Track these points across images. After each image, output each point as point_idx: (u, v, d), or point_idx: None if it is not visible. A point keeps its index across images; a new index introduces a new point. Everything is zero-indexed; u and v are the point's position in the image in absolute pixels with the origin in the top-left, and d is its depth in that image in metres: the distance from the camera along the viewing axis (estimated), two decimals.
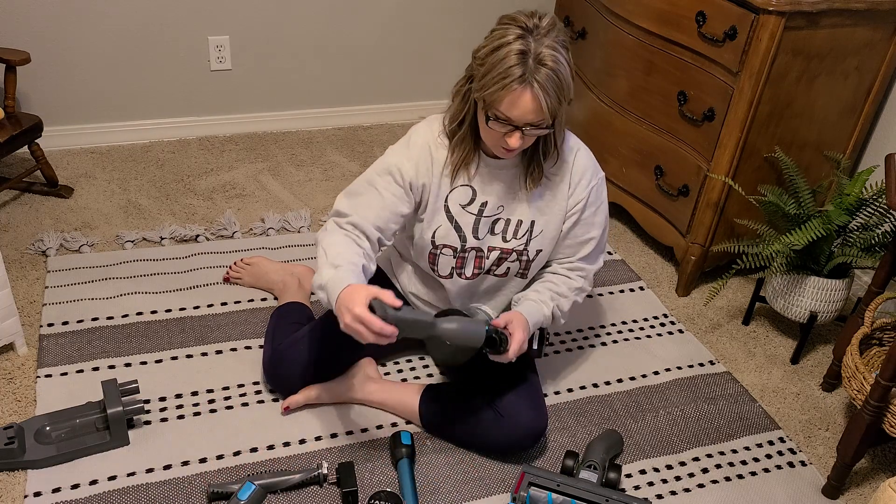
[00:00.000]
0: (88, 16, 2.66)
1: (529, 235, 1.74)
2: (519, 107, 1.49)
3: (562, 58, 1.48)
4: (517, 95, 1.47)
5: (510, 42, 1.46)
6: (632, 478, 1.80)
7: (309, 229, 2.53)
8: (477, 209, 1.72)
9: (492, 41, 1.50)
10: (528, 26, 1.47)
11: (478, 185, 1.70)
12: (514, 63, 1.45)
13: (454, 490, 1.71)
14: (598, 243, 1.81)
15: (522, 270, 1.79)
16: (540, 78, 1.46)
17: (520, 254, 1.76)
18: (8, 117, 2.40)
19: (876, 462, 1.91)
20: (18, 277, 2.20)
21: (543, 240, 1.75)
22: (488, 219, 1.73)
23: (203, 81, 2.92)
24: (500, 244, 1.74)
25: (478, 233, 1.73)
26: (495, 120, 1.53)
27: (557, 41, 1.48)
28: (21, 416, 1.79)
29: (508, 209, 1.73)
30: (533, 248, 1.75)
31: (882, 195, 2.06)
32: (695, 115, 2.24)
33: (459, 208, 1.71)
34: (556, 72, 1.47)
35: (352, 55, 3.07)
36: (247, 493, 1.59)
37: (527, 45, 1.46)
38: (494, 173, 1.70)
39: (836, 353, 2.06)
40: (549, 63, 1.46)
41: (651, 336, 2.24)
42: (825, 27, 2.04)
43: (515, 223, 1.73)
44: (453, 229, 1.72)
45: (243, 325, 2.10)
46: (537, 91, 1.46)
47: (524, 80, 1.46)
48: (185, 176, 2.75)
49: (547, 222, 1.74)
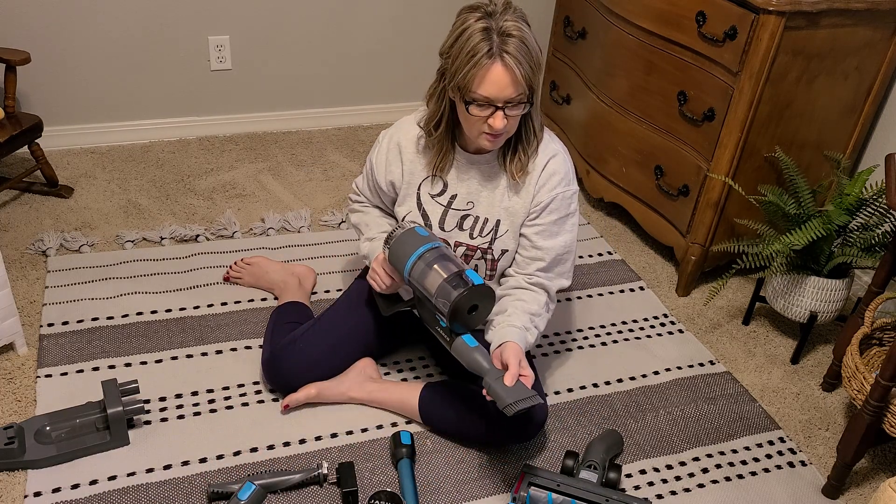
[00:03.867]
0: (88, 16, 2.66)
1: (494, 234, 1.75)
2: (494, 82, 1.51)
3: (525, 28, 1.51)
4: (489, 70, 1.50)
5: (472, 24, 1.51)
6: (632, 478, 1.80)
7: (309, 229, 2.53)
8: (446, 201, 1.75)
9: (454, 31, 1.55)
10: (486, 10, 1.52)
11: (451, 178, 1.74)
12: (480, 40, 1.49)
13: (454, 490, 1.71)
14: (559, 258, 1.75)
15: (490, 271, 1.79)
16: (508, 48, 1.49)
17: (484, 252, 1.77)
18: (8, 117, 2.40)
19: (876, 462, 1.91)
20: (18, 277, 2.20)
21: (507, 240, 1.75)
22: (456, 212, 1.75)
23: (203, 81, 2.92)
24: (466, 240, 1.77)
25: (444, 224, 1.76)
26: (474, 104, 1.54)
27: (517, 16, 1.52)
28: (21, 416, 1.79)
29: (477, 206, 1.75)
30: (498, 247, 1.76)
31: (882, 195, 2.06)
32: (695, 115, 2.24)
33: (429, 198, 1.76)
34: (522, 40, 1.50)
35: (352, 55, 3.07)
36: (247, 493, 1.59)
37: (488, 22, 1.50)
38: (468, 168, 1.73)
39: (836, 353, 2.06)
40: (515, 33, 1.49)
41: (651, 336, 2.24)
42: (825, 27, 2.04)
43: (483, 221, 1.75)
44: (420, 217, 1.77)
45: (243, 325, 2.10)
46: (509, 61, 1.49)
47: (493, 54, 1.49)
48: (185, 176, 2.75)
49: (512, 223, 1.75)
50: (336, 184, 2.79)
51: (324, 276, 2.31)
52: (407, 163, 1.77)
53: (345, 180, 2.81)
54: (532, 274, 1.75)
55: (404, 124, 1.79)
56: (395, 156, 1.78)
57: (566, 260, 1.78)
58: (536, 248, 1.74)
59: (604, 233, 2.69)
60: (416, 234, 1.66)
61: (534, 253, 1.74)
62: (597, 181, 2.70)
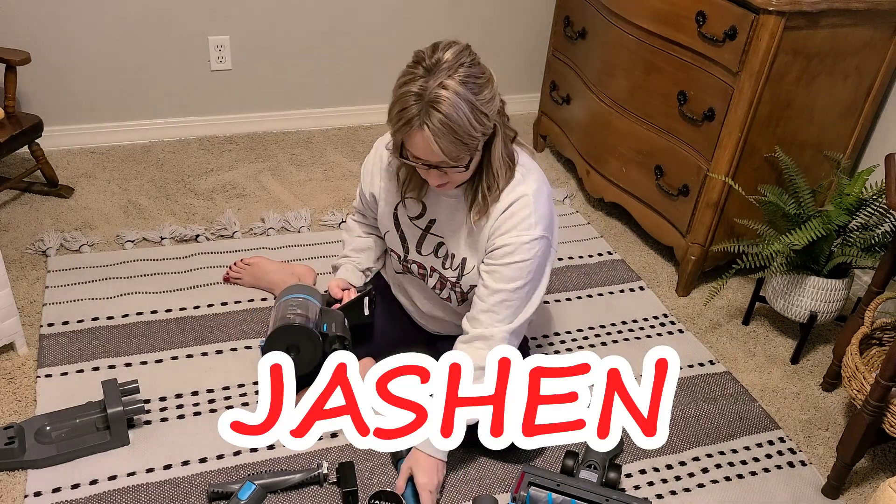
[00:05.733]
0: (88, 16, 2.66)
1: (462, 270, 1.72)
2: (417, 147, 1.48)
3: (461, 99, 1.43)
4: (413, 135, 1.46)
5: (410, 81, 1.45)
6: (632, 478, 1.80)
7: (309, 229, 2.53)
8: (424, 225, 1.72)
9: (396, 83, 1.49)
10: (427, 64, 1.46)
11: (429, 202, 1.70)
12: (410, 104, 1.44)
13: (454, 490, 1.71)
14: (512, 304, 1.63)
15: (460, 299, 1.78)
16: (432, 122, 1.43)
17: (453, 284, 1.75)
18: (8, 117, 2.40)
19: (876, 462, 1.91)
20: (18, 277, 2.20)
21: (475, 277, 1.70)
22: (434, 238, 1.72)
23: (203, 81, 2.92)
24: (440, 269, 1.75)
25: (421, 248, 1.74)
26: (407, 158, 1.52)
27: (460, 79, 1.44)
28: (21, 415, 1.79)
29: (448, 239, 1.71)
30: (466, 283, 1.73)
31: (882, 195, 2.06)
32: (695, 115, 2.24)
33: (408, 220, 1.73)
34: (448, 116, 1.42)
35: (352, 55, 3.07)
36: (247, 493, 1.59)
37: (424, 85, 1.43)
38: (440, 199, 1.68)
39: (836, 353, 2.06)
40: (443, 107, 1.42)
41: (651, 336, 2.24)
42: (825, 27, 2.04)
43: (450, 255, 1.72)
44: (398, 238, 1.76)
45: (243, 325, 2.10)
46: (428, 135, 1.44)
47: (418, 122, 1.44)
48: (185, 176, 2.75)
49: (476, 260, 1.69)
50: (336, 184, 2.79)
51: (324, 276, 2.31)
52: (385, 180, 1.73)
53: (345, 180, 2.81)
54: (475, 317, 1.66)
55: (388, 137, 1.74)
56: (378, 168, 1.74)
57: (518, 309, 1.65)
58: (484, 287, 1.65)
59: (604, 233, 2.69)
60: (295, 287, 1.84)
61: (482, 292, 1.66)
62: (597, 181, 2.70)
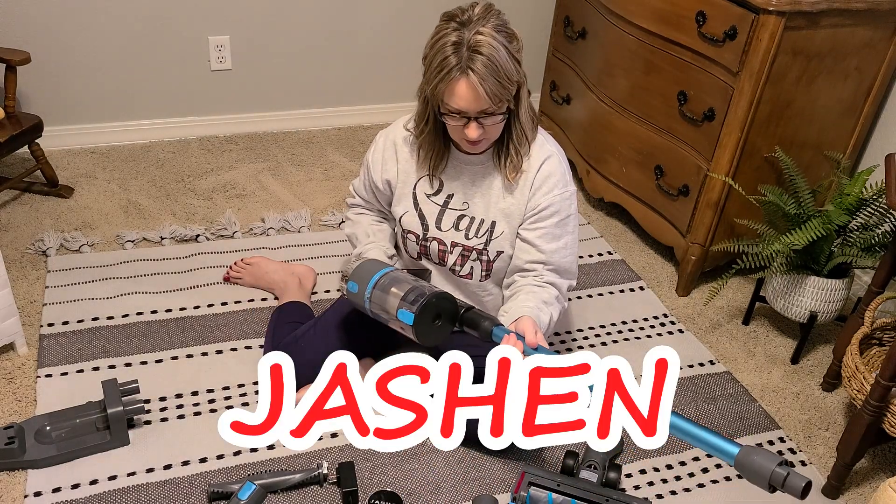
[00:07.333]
0: (88, 16, 2.66)
1: (490, 235, 1.75)
2: (461, 96, 1.52)
3: (498, 42, 1.50)
4: (455, 85, 1.51)
5: (446, 35, 1.51)
6: (632, 478, 1.80)
7: (309, 229, 2.53)
8: (442, 200, 1.76)
9: (430, 40, 1.55)
10: (461, 19, 1.51)
11: (446, 177, 1.75)
12: (450, 54, 1.49)
13: (454, 490, 1.71)
14: (563, 259, 1.76)
15: (485, 272, 1.80)
16: (475, 66, 1.49)
17: (479, 253, 1.77)
18: (8, 117, 2.40)
19: (876, 462, 1.91)
20: (18, 277, 2.20)
21: (503, 242, 1.75)
22: (453, 212, 1.76)
23: (203, 81, 2.92)
24: (462, 241, 1.77)
25: (440, 224, 1.77)
26: (447, 114, 1.56)
27: (493, 27, 1.51)
28: (21, 415, 1.79)
29: (473, 206, 1.75)
30: (493, 248, 1.76)
31: (882, 195, 2.06)
32: (695, 115, 2.24)
33: (425, 197, 1.77)
34: (490, 57, 1.49)
35: (352, 55, 3.07)
36: (247, 493, 1.58)
37: (461, 35, 1.49)
38: (462, 168, 1.73)
39: (836, 353, 2.06)
40: (484, 49, 1.49)
41: (651, 336, 2.24)
42: (825, 27, 2.04)
43: (478, 222, 1.75)
44: (417, 217, 1.78)
45: (243, 325, 2.10)
46: (474, 79, 1.49)
47: (460, 70, 1.49)
48: (186, 176, 2.75)
49: (509, 224, 1.75)
50: (336, 184, 2.79)
51: (324, 276, 2.31)
52: (402, 161, 1.77)
53: (345, 180, 2.81)
54: (541, 274, 1.75)
55: (401, 123, 1.80)
56: (391, 154, 1.79)
57: (570, 261, 1.78)
58: (540, 252, 1.74)
59: (604, 233, 2.69)
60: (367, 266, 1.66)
61: (538, 256, 1.74)
62: (597, 181, 2.70)
